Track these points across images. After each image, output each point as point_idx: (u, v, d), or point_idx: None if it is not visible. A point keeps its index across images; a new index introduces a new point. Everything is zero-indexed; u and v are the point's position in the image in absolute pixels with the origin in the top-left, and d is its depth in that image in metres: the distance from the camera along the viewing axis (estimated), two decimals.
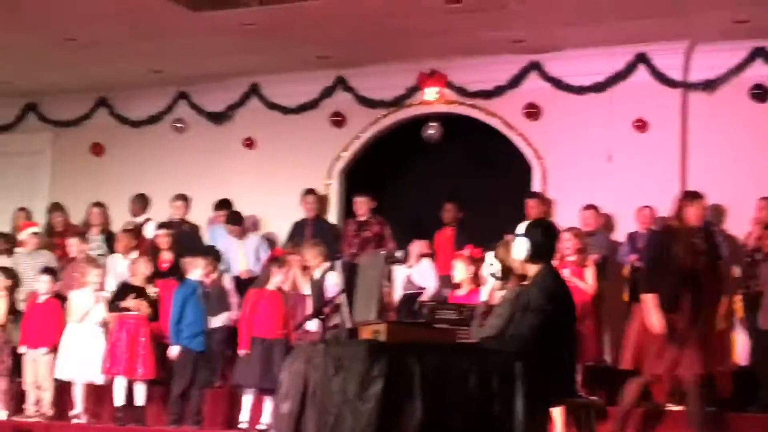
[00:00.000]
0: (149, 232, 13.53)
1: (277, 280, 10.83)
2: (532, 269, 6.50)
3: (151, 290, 11.16)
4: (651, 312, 8.38)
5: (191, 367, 10.83)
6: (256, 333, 10.58)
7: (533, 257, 6.47)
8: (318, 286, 11.00)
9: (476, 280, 10.12)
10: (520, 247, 6.47)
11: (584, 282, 10.05)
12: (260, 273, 11.35)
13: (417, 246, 11.66)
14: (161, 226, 12.78)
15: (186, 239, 12.92)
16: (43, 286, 11.67)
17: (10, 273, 12.05)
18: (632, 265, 11.65)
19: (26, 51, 13.70)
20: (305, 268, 11.42)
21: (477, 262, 10.18)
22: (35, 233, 12.87)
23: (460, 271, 10.25)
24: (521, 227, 6.55)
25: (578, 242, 10.14)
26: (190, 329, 10.91)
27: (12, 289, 11.91)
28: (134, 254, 12.43)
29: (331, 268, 11.02)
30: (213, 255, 11.74)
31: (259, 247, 13.02)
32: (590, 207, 12.06)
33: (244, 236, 13.08)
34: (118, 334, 11.06)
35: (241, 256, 12.83)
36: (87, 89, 15.29)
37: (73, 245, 12.65)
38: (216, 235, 13.33)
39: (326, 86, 14.19)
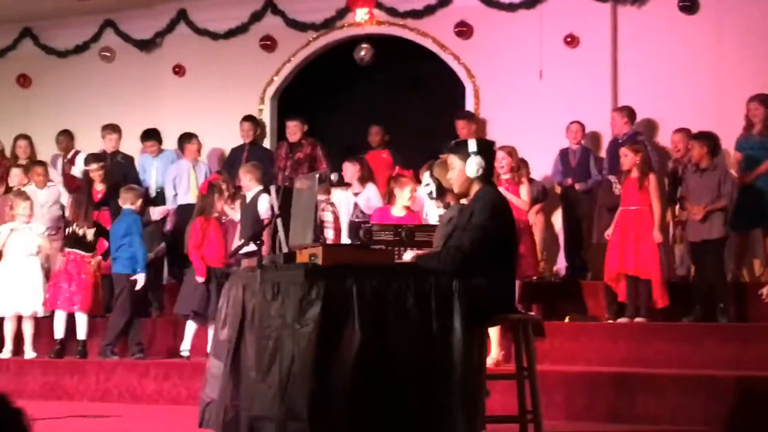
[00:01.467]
0: (79, 166, 13.39)
1: (219, 207, 10.77)
2: (475, 187, 6.49)
3: (90, 233, 11.07)
4: None
5: (131, 297, 10.78)
6: (209, 262, 10.52)
7: (485, 177, 6.47)
8: (251, 210, 10.94)
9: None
10: (474, 166, 6.42)
11: (519, 199, 10.08)
12: (198, 199, 11.22)
13: (350, 169, 11.52)
14: (95, 157, 12.57)
15: (120, 170, 12.81)
16: None
17: None
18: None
19: None
20: (234, 193, 11.36)
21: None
22: None
23: (406, 194, 10.11)
24: (473, 145, 6.50)
25: (512, 160, 10.16)
26: (131, 259, 10.86)
27: None
28: (51, 185, 12.38)
29: (264, 191, 10.95)
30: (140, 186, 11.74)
31: (206, 174, 13.00)
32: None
33: (197, 162, 13.03)
34: (64, 268, 10.99)
35: (194, 181, 12.77)
36: (11, 19, 15.02)
37: (15, 176, 12.50)
38: (146, 166, 13.22)
39: (255, 10, 14.06)
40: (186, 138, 13.14)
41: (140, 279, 10.86)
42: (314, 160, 12.59)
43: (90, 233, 11.10)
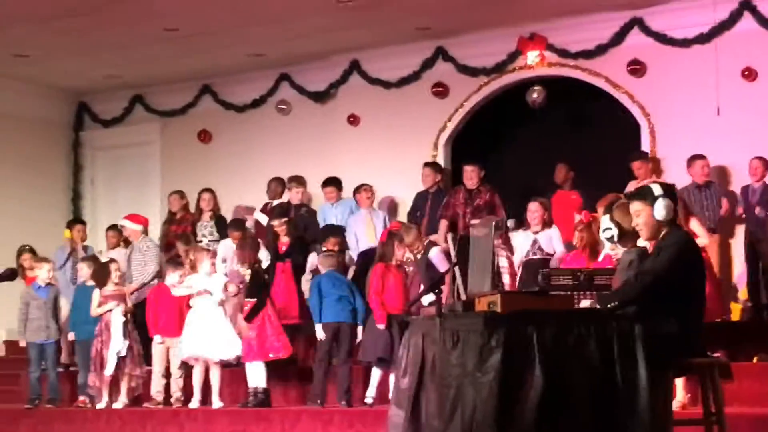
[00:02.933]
0: (262, 218, 13.68)
1: (400, 254, 10.85)
2: (663, 230, 6.43)
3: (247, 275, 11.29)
4: None
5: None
6: (389, 309, 10.61)
7: (674, 218, 6.42)
8: (425, 263, 11.03)
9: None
10: (662, 209, 6.38)
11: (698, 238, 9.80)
12: (378, 247, 11.33)
13: (537, 210, 11.38)
14: (280, 212, 12.76)
15: (302, 222, 13.07)
16: (174, 277, 11.87)
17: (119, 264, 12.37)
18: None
19: (130, 44, 13.96)
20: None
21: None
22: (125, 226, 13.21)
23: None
24: (657, 189, 6.47)
25: None
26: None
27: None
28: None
29: (432, 243, 11.13)
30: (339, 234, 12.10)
31: (384, 221, 13.14)
32: (699, 157, 11.80)
33: (372, 209, 13.23)
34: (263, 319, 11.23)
35: (371, 229, 12.93)
36: (191, 77, 15.52)
37: (180, 249, 12.87)
38: (326, 214, 13.43)
39: (426, 57, 14.17)
40: (359, 187, 13.31)
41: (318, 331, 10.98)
42: (493, 207, 12.49)
43: (247, 275, 11.30)
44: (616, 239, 7.30)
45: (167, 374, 11.80)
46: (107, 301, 11.79)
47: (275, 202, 13.87)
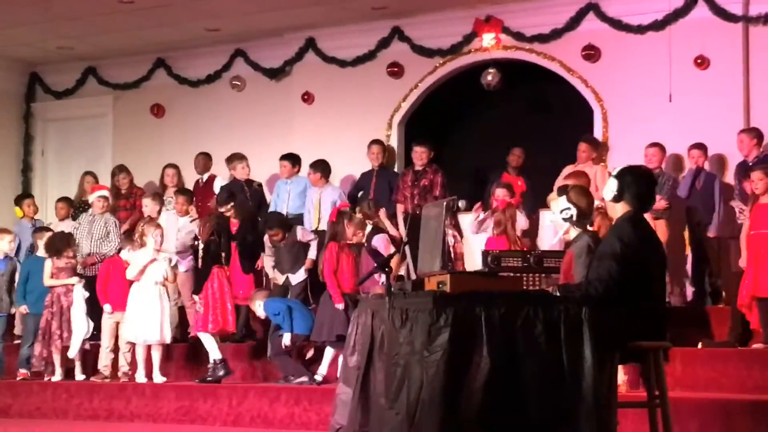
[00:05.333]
0: (216, 188, 13.60)
1: (350, 233, 10.82)
2: (617, 212, 6.47)
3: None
4: None
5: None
6: (342, 288, 10.60)
7: (618, 200, 6.44)
8: (370, 249, 11.07)
9: None
10: (608, 188, 6.46)
11: None
12: (329, 227, 11.28)
13: (505, 196, 11.43)
14: (227, 198, 12.67)
15: (256, 198, 13.05)
16: (128, 254, 11.79)
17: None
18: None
19: (84, 16, 13.83)
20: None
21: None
22: (104, 197, 13.01)
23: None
24: (616, 169, 6.53)
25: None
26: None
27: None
28: (192, 214, 12.60)
29: (375, 231, 11.24)
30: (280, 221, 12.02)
31: (338, 199, 13.02)
32: (654, 145, 11.89)
33: (325, 186, 13.13)
34: (206, 291, 11.19)
35: (316, 212, 12.88)
36: (145, 51, 15.40)
37: (147, 206, 12.78)
38: (280, 190, 13.36)
39: (382, 37, 14.15)
40: (311, 166, 13.23)
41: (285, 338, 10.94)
42: (434, 186, 12.57)
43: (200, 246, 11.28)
44: (575, 218, 7.33)
45: (115, 348, 11.75)
46: (60, 273, 11.73)
47: (205, 177, 13.84)
